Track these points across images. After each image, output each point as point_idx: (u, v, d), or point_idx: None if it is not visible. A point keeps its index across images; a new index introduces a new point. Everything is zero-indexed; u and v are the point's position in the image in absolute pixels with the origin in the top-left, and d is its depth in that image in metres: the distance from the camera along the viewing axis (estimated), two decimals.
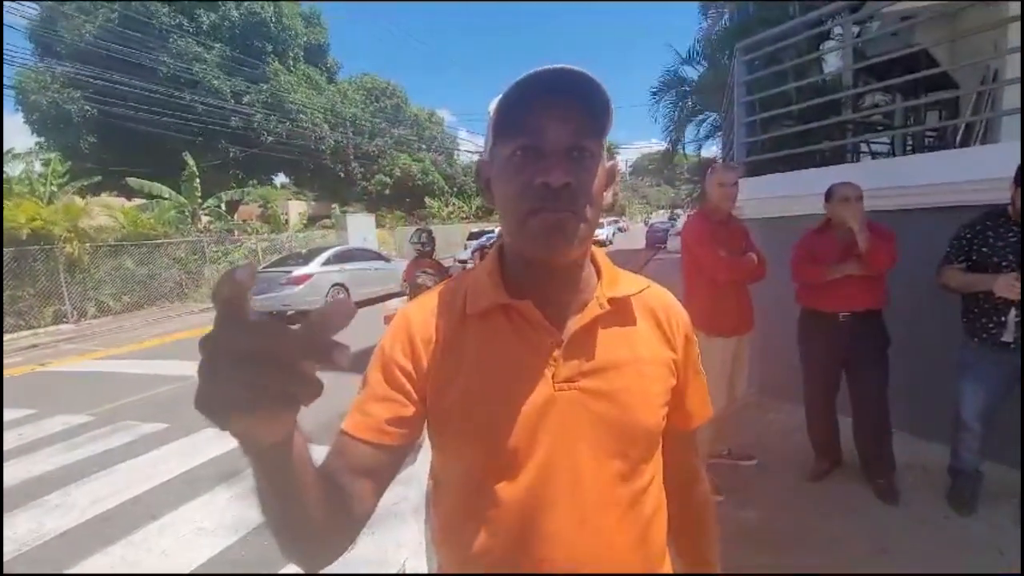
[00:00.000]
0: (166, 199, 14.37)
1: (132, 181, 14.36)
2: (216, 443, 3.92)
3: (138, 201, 14.99)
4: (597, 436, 0.64)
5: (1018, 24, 3.29)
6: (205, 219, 14.87)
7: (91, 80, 16.51)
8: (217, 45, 19.69)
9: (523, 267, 0.67)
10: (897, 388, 2.64)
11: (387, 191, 28.34)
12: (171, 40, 18.40)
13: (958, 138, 5.29)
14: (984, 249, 2.22)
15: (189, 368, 6.35)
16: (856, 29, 5.59)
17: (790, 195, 3.77)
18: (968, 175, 2.84)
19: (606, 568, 0.63)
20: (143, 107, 17.39)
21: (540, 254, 0.62)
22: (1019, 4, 3.19)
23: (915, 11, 4.70)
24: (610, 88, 0.60)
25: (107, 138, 18.30)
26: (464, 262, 8.21)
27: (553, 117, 0.59)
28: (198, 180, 14.44)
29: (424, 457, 3.51)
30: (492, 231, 16.20)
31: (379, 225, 19.69)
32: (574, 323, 0.66)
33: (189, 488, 3.24)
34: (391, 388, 0.65)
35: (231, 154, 20.34)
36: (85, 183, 13.57)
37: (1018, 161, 2.13)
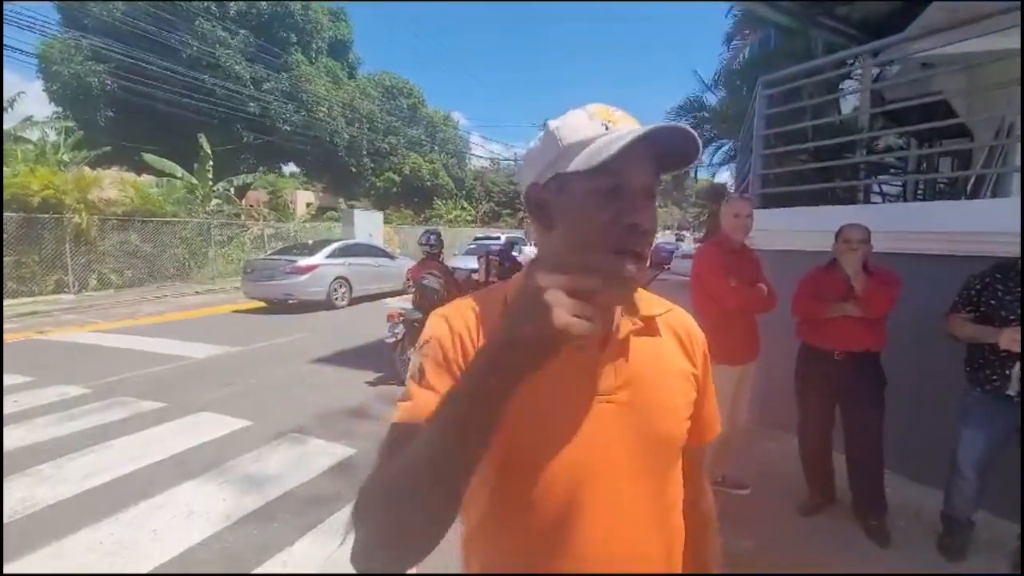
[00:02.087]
0: (178, 178, 14.43)
1: (148, 157, 14.42)
2: (212, 426, 3.93)
3: (149, 178, 15.05)
4: (632, 448, 0.66)
5: None
6: (214, 201, 14.91)
7: (114, 55, 16.63)
8: (242, 31, 19.87)
9: None
10: (895, 430, 2.66)
11: (395, 189, 28.45)
12: (197, 23, 18.56)
13: (968, 188, 5.35)
14: (992, 301, 2.25)
15: (188, 348, 6.38)
16: (876, 72, 5.67)
17: (801, 230, 3.81)
18: (978, 226, 2.88)
19: (640, 572, 0.65)
20: (163, 86, 17.51)
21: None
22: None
23: (935, 59, 4.77)
24: (625, 103, 0.65)
25: (124, 114, 18.42)
26: (474, 271, 8.22)
27: (640, 160, 0.62)
28: (211, 163, 14.49)
29: None
30: (499, 238, 16.24)
31: (386, 222, 19.73)
32: (611, 338, 0.68)
33: (182, 470, 3.24)
34: (449, 383, 0.62)
35: (245, 139, 20.45)
36: (97, 153, 13.63)
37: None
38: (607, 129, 0.62)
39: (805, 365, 2.78)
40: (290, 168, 28.31)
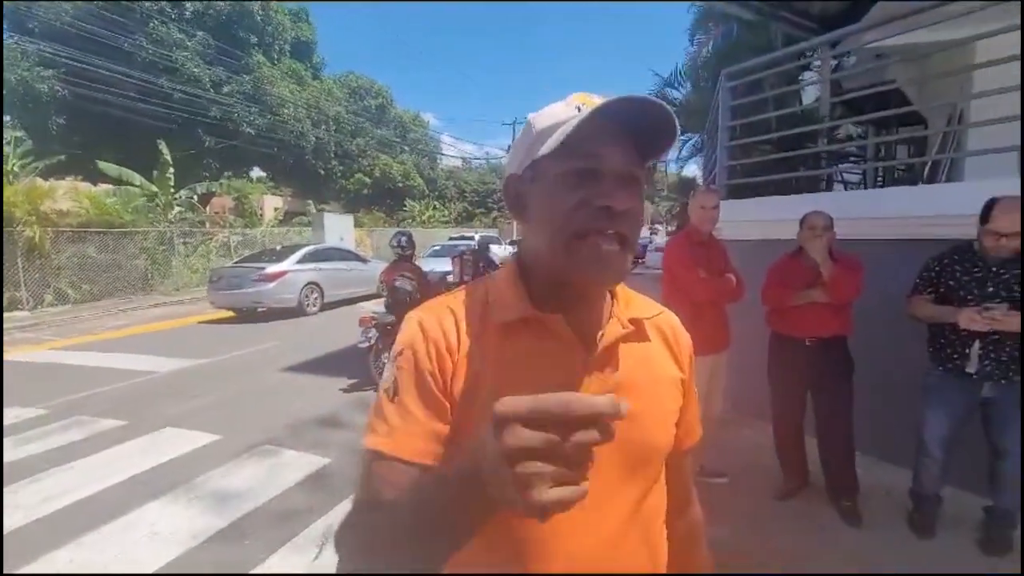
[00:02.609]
0: (136, 186, 13.90)
1: (102, 165, 13.84)
2: (178, 442, 3.79)
3: (105, 187, 14.46)
4: (616, 456, 0.63)
5: (985, 71, 3.47)
6: (177, 209, 14.43)
7: (64, 60, 15.93)
8: (200, 33, 19.26)
9: (550, 283, 0.65)
10: (864, 412, 2.72)
11: (366, 191, 28.06)
12: (151, 25, 17.91)
13: (925, 173, 5.53)
14: (951, 282, 2.31)
15: (152, 363, 6.15)
16: (834, 63, 5.81)
17: (767, 219, 3.87)
18: (933, 210, 2.97)
19: None
20: (118, 91, 16.86)
21: (584, 279, 0.61)
22: (987, 48, 3.36)
23: (888, 49, 4.92)
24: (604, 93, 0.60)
25: (77, 121, 17.64)
26: (447, 273, 8.14)
27: (615, 142, 0.59)
28: (172, 169, 14.01)
29: None
30: (472, 237, 16.17)
31: (357, 225, 19.42)
32: (598, 341, 0.65)
33: (147, 489, 3.10)
34: (430, 407, 0.62)
35: (207, 144, 19.83)
36: (48, 162, 13.01)
37: (980, 199, 2.23)
38: (579, 111, 0.59)
39: (776, 352, 2.82)
40: (256, 173, 27.61)
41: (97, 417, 4.32)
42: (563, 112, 0.61)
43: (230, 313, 9.63)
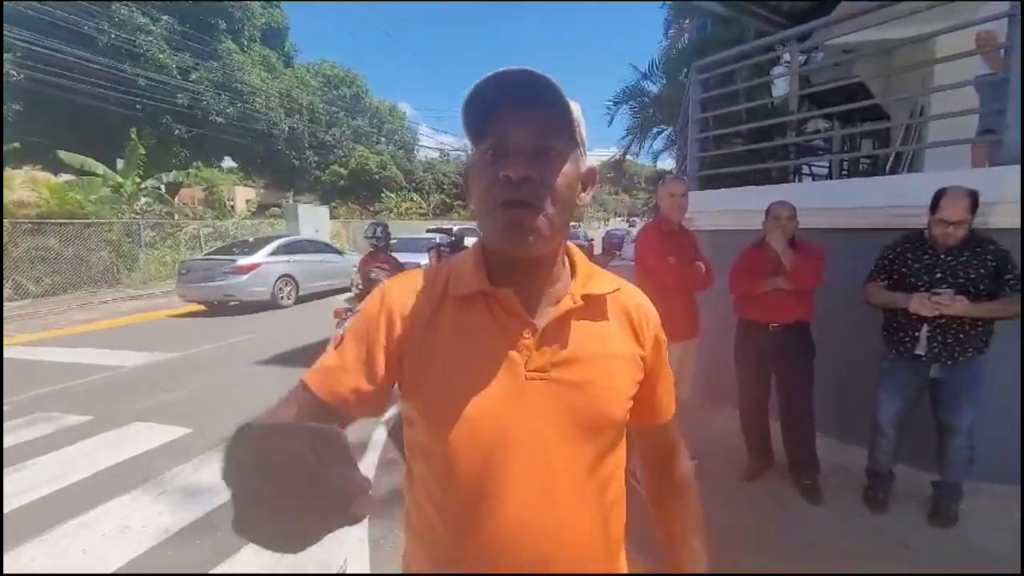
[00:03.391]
0: (99, 176, 13.41)
1: (64, 154, 13.31)
2: (146, 437, 3.71)
3: (67, 177, 13.92)
4: (564, 423, 0.66)
5: (944, 66, 3.61)
6: (144, 200, 13.98)
7: (20, 43, 15.19)
8: (165, 17, 18.58)
9: (499, 259, 0.69)
10: (824, 395, 2.83)
11: (342, 183, 27.62)
12: (114, 8, 17.21)
13: (888, 166, 5.72)
14: (903, 269, 2.42)
15: (118, 357, 5.99)
16: (803, 58, 5.94)
17: (737, 209, 3.96)
18: (894, 200, 3.08)
19: (566, 542, 0.66)
20: (78, 77, 16.17)
21: (503, 247, 0.66)
22: (945, 44, 3.49)
23: (856, 45, 5.05)
24: (572, 91, 0.63)
25: (35, 108, 16.85)
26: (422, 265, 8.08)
27: (517, 118, 0.62)
28: (143, 157, 13.54)
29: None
30: (449, 229, 16.05)
31: (333, 217, 19.11)
32: (547, 315, 0.69)
33: (114, 484, 3.04)
34: (364, 361, 0.67)
35: (176, 133, 19.23)
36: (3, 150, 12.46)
37: (933, 190, 2.34)
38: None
39: (743, 338, 2.91)
40: (227, 163, 26.91)
41: (62, 413, 4.20)
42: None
43: (200, 307, 9.42)
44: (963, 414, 2.32)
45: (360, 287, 5.21)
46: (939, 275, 2.29)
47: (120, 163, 13.78)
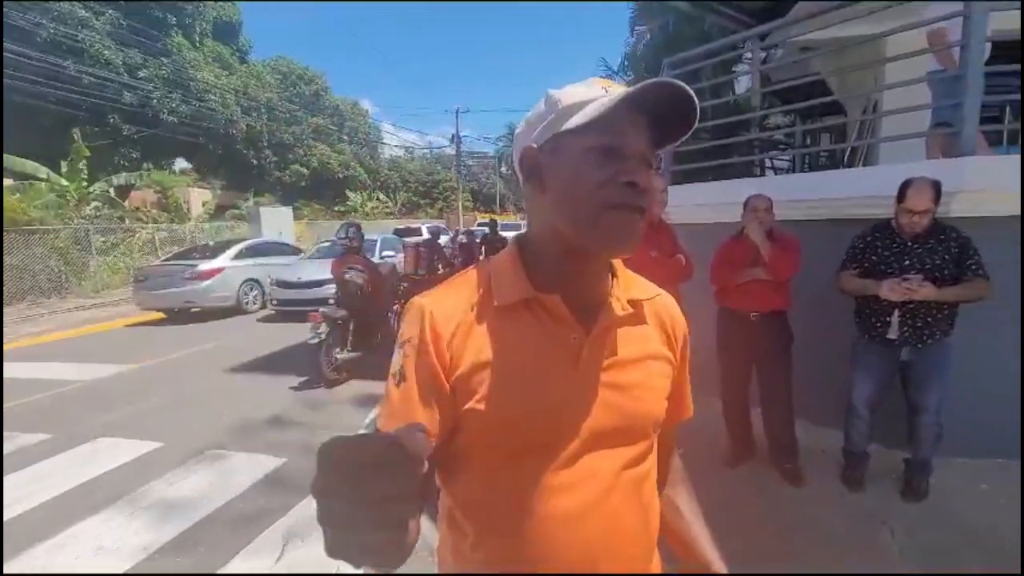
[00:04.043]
0: (43, 180, 12.64)
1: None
2: (113, 452, 3.54)
3: (7, 182, 13.04)
4: (613, 427, 0.68)
5: (895, 64, 3.79)
6: (92, 204, 13.25)
7: None
8: (108, 11, 17.65)
9: (555, 260, 0.69)
10: (798, 381, 2.93)
11: (304, 183, 26.94)
12: (52, 1, 16.23)
13: (845, 158, 5.98)
14: (873, 257, 2.53)
15: (75, 371, 5.68)
16: (763, 55, 6.13)
17: (709, 203, 4.06)
18: (850, 192, 3.22)
19: (617, 540, 0.68)
20: (15, 75, 15.17)
21: (610, 247, 0.65)
22: (896, 43, 3.66)
23: (813, 43, 5.25)
24: (543, 88, 0.67)
25: None
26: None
27: (636, 125, 0.63)
28: (85, 160, 12.82)
29: None
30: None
31: (297, 218, 18.59)
32: (599, 320, 0.69)
33: (83, 504, 2.88)
34: (429, 391, 0.65)
35: (124, 133, 18.33)
36: None
37: (892, 181, 2.46)
38: (606, 92, 0.63)
39: (724, 327, 2.99)
40: (181, 164, 25.79)
41: (17, 432, 3.95)
42: (587, 92, 0.64)
43: (159, 315, 9.03)
44: (932, 394, 2.45)
45: (336, 289, 5.10)
46: (907, 262, 2.41)
47: (65, 166, 13.01)
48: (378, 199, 29.34)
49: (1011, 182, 2.65)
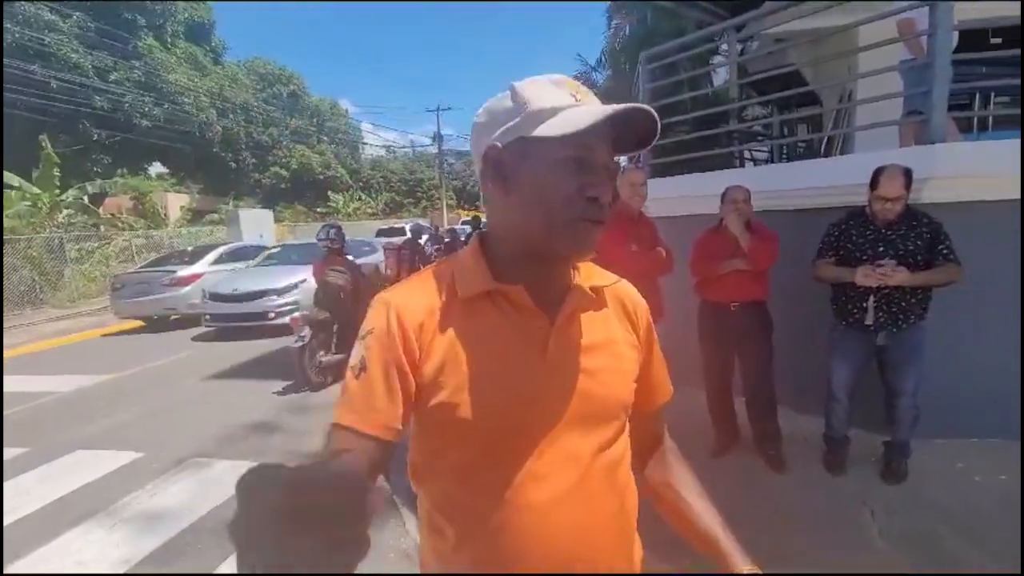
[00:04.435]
0: (15, 188, 12.30)
1: None
2: (92, 465, 3.46)
3: None
4: (583, 412, 0.69)
5: (868, 53, 3.84)
6: (65, 212, 12.94)
7: None
8: (76, 14, 17.20)
9: (516, 255, 0.70)
10: (778, 369, 2.97)
11: (284, 185, 26.60)
12: (16, 4, 15.77)
13: (822, 148, 6.06)
14: (848, 245, 2.57)
15: (51, 383, 5.54)
16: (740, 47, 6.19)
17: (689, 195, 4.09)
18: (829, 181, 3.27)
19: (595, 533, 0.68)
20: None
21: (572, 253, 0.68)
22: (868, 33, 3.72)
23: (788, 35, 5.31)
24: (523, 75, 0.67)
25: None
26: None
27: (603, 137, 0.64)
28: (57, 167, 12.50)
29: None
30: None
31: (277, 221, 18.37)
32: (562, 308, 0.70)
33: (62, 518, 2.82)
34: (393, 383, 0.65)
35: (96, 138, 17.91)
36: None
37: (868, 169, 2.49)
38: (576, 100, 0.64)
39: (705, 319, 3.01)
40: (156, 168, 25.26)
41: None
42: (556, 96, 0.64)
43: (137, 323, 8.85)
44: (909, 377, 2.50)
45: (318, 291, 5.04)
46: (881, 248, 2.44)
47: (37, 173, 12.67)
48: (360, 199, 29.08)
49: (980, 167, 2.71)
